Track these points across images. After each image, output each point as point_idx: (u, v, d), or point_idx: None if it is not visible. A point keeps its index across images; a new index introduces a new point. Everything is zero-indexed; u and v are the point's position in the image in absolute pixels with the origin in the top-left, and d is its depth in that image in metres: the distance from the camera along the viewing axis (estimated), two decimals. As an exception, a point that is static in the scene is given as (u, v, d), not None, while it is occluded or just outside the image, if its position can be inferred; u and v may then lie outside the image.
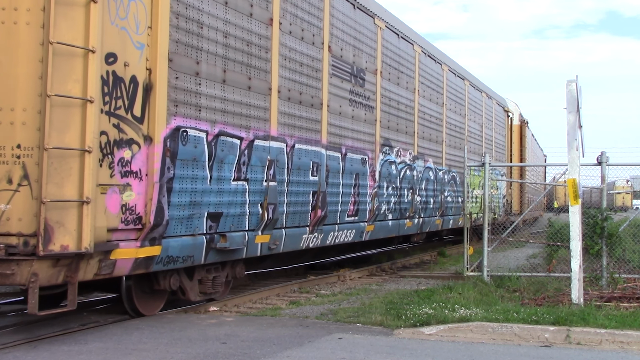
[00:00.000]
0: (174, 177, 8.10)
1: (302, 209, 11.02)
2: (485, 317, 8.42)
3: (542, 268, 12.75)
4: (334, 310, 9.35)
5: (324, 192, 11.64)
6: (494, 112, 25.09)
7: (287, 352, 6.69)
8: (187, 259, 8.46)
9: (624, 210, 40.99)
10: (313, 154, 11.35)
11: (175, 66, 8.16)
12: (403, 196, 15.29)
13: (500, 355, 6.82)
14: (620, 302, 9.83)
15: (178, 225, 8.23)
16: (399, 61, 15.30)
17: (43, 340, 7.19)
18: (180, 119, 8.24)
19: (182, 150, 8.25)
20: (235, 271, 9.98)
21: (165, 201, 7.95)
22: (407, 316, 8.50)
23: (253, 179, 9.65)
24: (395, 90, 15.05)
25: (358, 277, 14.09)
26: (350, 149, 12.74)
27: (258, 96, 9.80)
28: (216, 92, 8.90)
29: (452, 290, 10.87)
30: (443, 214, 18.27)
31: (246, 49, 9.53)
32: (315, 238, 11.55)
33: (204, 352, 6.63)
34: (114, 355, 6.51)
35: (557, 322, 8.12)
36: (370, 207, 13.47)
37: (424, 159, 16.84)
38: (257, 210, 9.78)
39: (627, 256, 12.10)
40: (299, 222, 10.98)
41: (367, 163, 13.41)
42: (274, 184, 10.14)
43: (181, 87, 8.26)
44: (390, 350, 6.88)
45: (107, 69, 7.23)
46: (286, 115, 10.57)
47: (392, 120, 14.87)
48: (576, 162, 9.66)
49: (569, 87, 9.69)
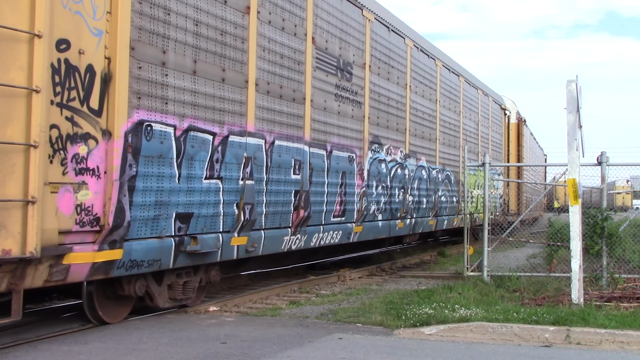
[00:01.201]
0: (136, 175, 7.50)
1: (283, 210, 10.42)
2: (485, 317, 8.37)
3: (542, 268, 12.69)
4: (334, 310, 9.26)
5: (307, 192, 11.03)
6: (490, 109, 24.42)
7: (287, 352, 6.66)
8: (153, 263, 7.86)
9: (624, 210, 41.35)
10: (295, 151, 10.73)
11: (138, 55, 7.55)
12: (394, 196, 14.64)
13: (500, 355, 6.78)
14: (620, 302, 9.77)
15: (142, 227, 7.63)
16: (389, 55, 14.67)
17: (43, 340, 7.10)
18: (144, 112, 7.63)
19: (146, 146, 7.64)
20: (209, 275, 9.37)
21: (126, 201, 7.34)
22: (407, 316, 8.45)
23: (227, 177, 9.04)
24: (385, 85, 14.42)
25: (358, 277, 13.94)
26: (336, 147, 12.12)
27: (233, 89, 9.20)
28: (185, 84, 8.30)
29: (452, 290, 10.79)
30: (437, 215, 17.60)
31: (220, 39, 8.93)
32: (298, 240, 10.94)
33: (204, 352, 6.59)
34: (114, 355, 6.44)
35: (557, 322, 8.06)
36: (358, 207, 12.86)
37: (416, 158, 16.18)
38: (233, 211, 9.17)
39: (627, 256, 12.03)
40: (280, 223, 10.37)
41: (354, 161, 12.78)
42: (251, 183, 9.53)
43: (145, 78, 7.66)
44: (390, 350, 6.85)
45: (59, 57, 6.62)
46: (265, 109, 9.97)
47: (382, 117, 14.24)
48: (576, 162, 9.60)
49: (569, 87, 9.62)
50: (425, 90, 17.01)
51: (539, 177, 39.07)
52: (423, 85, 16.86)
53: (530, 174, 34.25)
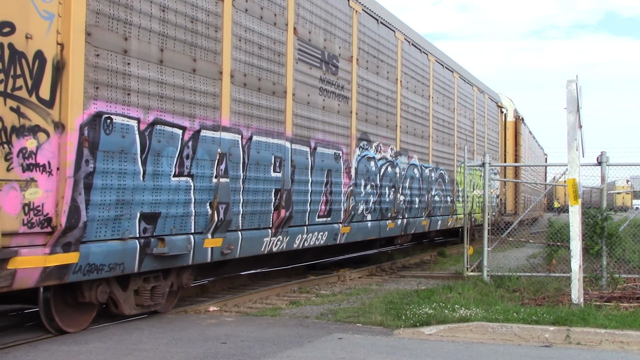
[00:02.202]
0: (94, 172, 6.90)
1: (263, 209, 9.82)
2: (485, 317, 8.35)
3: (542, 268, 12.66)
4: (334, 310, 9.22)
5: (289, 190, 10.43)
6: (486, 107, 23.73)
7: (287, 352, 6.64)
8: (116, 267, 7.26)
9: (624, 210, 41.68)
10: (275, 148, 10.13)
11: (96, 42, 6.96)
12: (384, 195, 14.00)
13: (500, 355, 6.75)
14: (620, 302, 9.75)
15: (102, 228, 7.04)
16: (378, 49, 14.06)
17: (43, 340, 7.06)
18: (103, 103, 7.04)
19: (106, 140, 7.05)
20: (181, 279, 8.78)
21: (82, 200, 6.74)
22: (407, 316, 8.43)
23: (199, 174, 8.45)
24: (374, 80, 13.82)
25: (358, 277, 13.83)
26: (321, 143, 11.52)
27: (206, 80, 8.61)
28: (151, 74, 7.71)
29: (452, 290, 10.74)
30: (430, 215, 16.94)
31: (190, 27, 8.34)
32: (280, 241, 10.34)
33: (204, 352, 6.56)
34: (114, 355, 6.39)
35: (557, 322, 8.04)
36: (345, 207, 12.25)
37: (407, 155, 15.52)
38: (205, 211, 8.58)
39: (627, 256, 12.01)
40: (259, 223, 9.78)
41: (341, 159, 12.17)
42: (226, 181, 8.94)
43: (104, 67, 7.06)
44: (390, 350, 6.83)
45: (1, 41, 6.03)
46: (241, 103, 9.37)
47: (371, 113, 13.63)
48: (576, 162, 9.57)
49: (569, 87, 9.58)
50: (417, 86, 16.38)
51: (539, 177, 38.66)
52: (415, 80, 16.24)
53: (529, 174, 33.74)
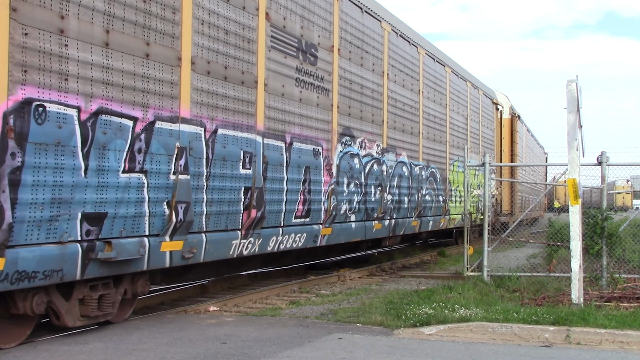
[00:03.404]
0: (22, 166, 6.08)
1: (230, 209, 9.01)
2: (485, 317, 8.34)
3: (542, 268, 12.65)
4: (334, 310, 9.20)
5: (261, 189, 9.62)
6: (480, 103, 22.86)
7: (287, 352, 6.62)
8: (52, 274, 6.44)
9: (624, 210, 41.41)
10: (245, 142, 9.32)
11: (23, 18, 6.15)
12: (369, 194, 13.20)
13: (500, 355, 6.75)
14: (620, 302, 9.74)
15: (33, 231, 6.22)
16: (362, 39, 13.25)
17: (43, 341, 6.99)
18: (33, 88, 6.23)
19: (37, 131, 6.23)
20: (136, 286, 7.96)
21: (6, 198, 5.93)
22: (407, 316, 8.41)
23: (154, 170, 7.63)
24: (358, 72, 13.01)
25: (358, 277, 13.76)
26: (298, 138, 10.70)
27: (161, 67, 7.80)
28: (94, 58, 6.90)
29: (452, 290, 10.73)
30: (421, 215, 16.09)
31: (142, 6, 7.53)
32: (251, 244, 9.51)
33: (204, 352, 6.54)
34: (114, 355, 6.35)
35: (557, 322, 8.03)
36: (326, 206, 11.44)
37: (395, 153, 14.68)
38: (162, 211, 7.75)
39: (627, 256, 11.97)
40: (227, 224, 8.96)
41: (321, 155, 11.36)
42: (187, 178, 8.12)
43: (34, 47, 6.25)
44: (390, 350, 6.82)
45: None
46: (204, 92, 8.56)
47: (354, 107, 12.81)
48: (576, 162, 9.55)
49: (569, 87, 9.55)
50: (405, 80, 15.52)
51: (539, 177, 38.05)
52: (403, 74, 15.38)
53: (528, 174, 33.11)
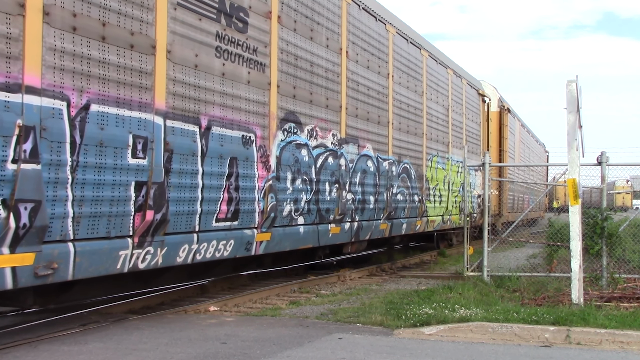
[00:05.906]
0: None
1: (114, 210, 7.09)
2: (485, 317, 8.35)
3: (542, 268, 12.66)
4: (334, 310, 9.22)
5: (162, 184, 7.68)
6: (464, 94, 20.44)
7: (287, 352, 6.62)
8: None
9: (624, 210, 40.84)
10: (136, 124, 7.35)
11: None
12: (323, 192, 11.27)
13: (500, 355, 6.74)
14: (620, 302, 9.75)
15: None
16: (312, 7, 11.14)
17: (43, 340, 7.01)
18: None
19: None
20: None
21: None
22: (407, 316, 8.42)
23: (-29, 156, 5.89)
24: (306, 46, 10.92)
25: (358, 277, 13.77)
26: (219, 122, 8.73)
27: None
28: None
29: (452, 290, 10.76)
30: (391, 217, 14.07)
31: None
32: (151, 254, 7.60)
33: (204, 352, 6.55)
34: (114, 355, 6.37)
35: (557, 322, 8.05)
36: (262, 207, 9.56)
37: (358, 144, 12.71)
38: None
39: (627, 256, 12.03)
40: (109, 230, 7.05)
41: (254, 144, 9.43)
42: (35, 168, 6.22)
43: None
44: (390, 350, 6.80)
45: None
46: (68, 55, 6.60)
47: (302, 88, 10.76)
48: (576, 162, 9.58)
49: (569, 87, 9.57)
50: (371, 60, 13.35)
51: (539, 176, 37.15)
52: (368, 53, 13.23)
53: (527, 173, 32.09)
